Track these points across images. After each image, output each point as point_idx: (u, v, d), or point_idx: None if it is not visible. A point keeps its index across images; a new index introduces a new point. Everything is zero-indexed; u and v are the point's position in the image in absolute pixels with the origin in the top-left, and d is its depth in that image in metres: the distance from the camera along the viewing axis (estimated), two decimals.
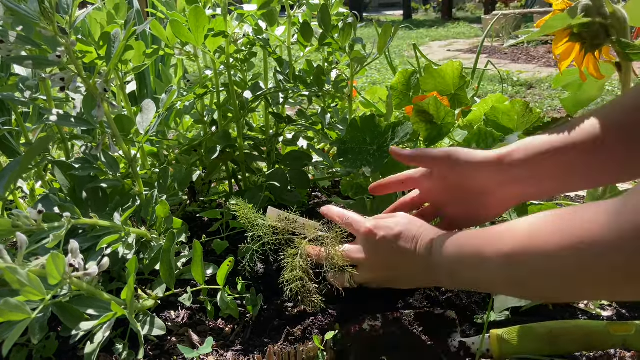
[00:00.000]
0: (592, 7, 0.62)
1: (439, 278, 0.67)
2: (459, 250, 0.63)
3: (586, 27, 0.63)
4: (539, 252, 0.51)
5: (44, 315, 0.72)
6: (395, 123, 1.05)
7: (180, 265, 0.95)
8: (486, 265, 0.57)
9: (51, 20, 0.80)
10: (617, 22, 0.61)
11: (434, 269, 0.66)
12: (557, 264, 0.49)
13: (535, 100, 3.01)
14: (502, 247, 0.55)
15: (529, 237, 0.52)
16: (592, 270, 0.46)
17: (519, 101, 0.96)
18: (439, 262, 0.65)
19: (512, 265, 0.54)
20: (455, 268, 0.63)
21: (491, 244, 0.57)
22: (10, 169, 0.89)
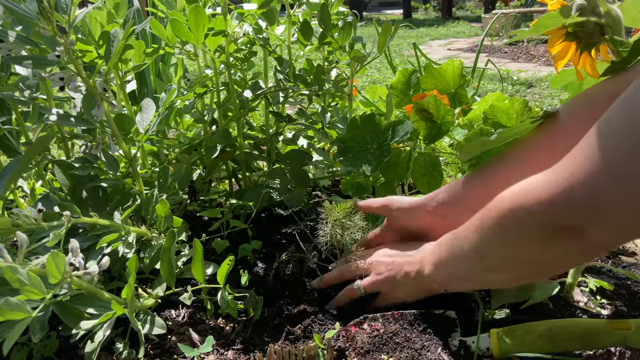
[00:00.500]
0: (586, 6, 0.62)
1: (429, 285, 0.78)
2: (437, 257, 0.75)
3: (581, 26, 0.63)
4: (488, 225, 0.61)
5: (45, 314, 0.72)
6: (395, 122, 1.05)
7: (180, 264, 0.95)
8: (457, 256, 0.70)
9: (50, 19, 0.80)
10: (612, 21, 0.61)
11: (424, 279, 0.78)
12: (506, 232, 0.58)
13: (535, 99, 3.01)
14: (470, 227, 0.66)
15: (481, 217, 0.64)
16: (526, 230, 0.54)
17: (518, 99, 0.96)
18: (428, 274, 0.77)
19: (480, 237, 0.64)
20: (436, 271, 0.75)
21: (458, 237, 0.70)
22: (10, 168, 0.90)
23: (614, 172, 0.45)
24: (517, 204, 0.55)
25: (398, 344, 0.75)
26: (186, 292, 0.86)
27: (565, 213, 0.49)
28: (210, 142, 1.17)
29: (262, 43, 1.15)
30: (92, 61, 0.97)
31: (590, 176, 0.46)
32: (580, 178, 0.47)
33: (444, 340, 0.76)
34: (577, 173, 0.48)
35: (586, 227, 0.49)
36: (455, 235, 0.70)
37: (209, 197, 1.30)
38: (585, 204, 0.47)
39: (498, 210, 0.59)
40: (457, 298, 0.87)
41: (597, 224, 0.48)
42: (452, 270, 0.72)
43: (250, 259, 1.03)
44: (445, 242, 0.74)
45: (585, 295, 0.92)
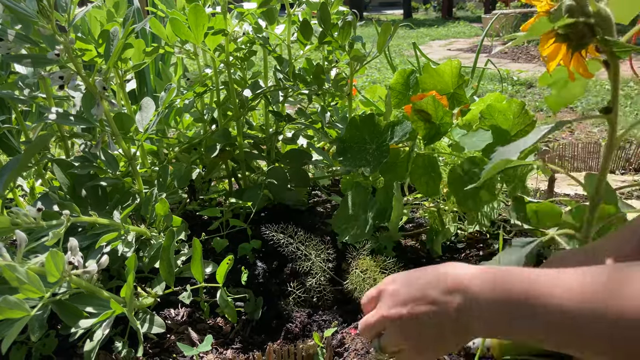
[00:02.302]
0: (575, 7, 0.62)
1: (473, 327, 0.50)
2: (504, 295, 0.48)
3: (571, 27, 0.63)
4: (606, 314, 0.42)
5: (43, 312, 0.72)
6: (394, 122, 1.05)
7: (179, 263, 0.95)
8: (540, 317, 0.46)
9: (49, 18, 0.80)
10: (601, 21, 0.61)
11: (465, 318, 0.50)
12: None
13: (535, 99, 3.01)
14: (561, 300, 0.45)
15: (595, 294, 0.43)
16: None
17: (515, 101, 0.96)
18: (473, 310, 0.49)
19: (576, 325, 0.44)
20: (499, 317, 0.48)
21: (544, 295, 0.46)
22: (9, 166, 0.89)
23: None
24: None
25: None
26: (185, 291, 0.86)
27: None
28: (210, 142, 1.17)
29: (261, 42, 1.15)
30: (92, 60, 0.97)
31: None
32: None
33: None
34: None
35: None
36: (566, 289, 0.46)
37: (209, 196, 1.30)
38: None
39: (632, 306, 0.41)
40: None
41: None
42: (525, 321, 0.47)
43: (249, 258, 1.03)
44: (541, 286, 0.48)
45: None
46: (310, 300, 0.92)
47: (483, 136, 0.94)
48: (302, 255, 1.02)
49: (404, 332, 0.53)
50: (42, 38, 0.88)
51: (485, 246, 1.10)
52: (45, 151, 1.13)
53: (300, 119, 1.23)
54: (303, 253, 0.99)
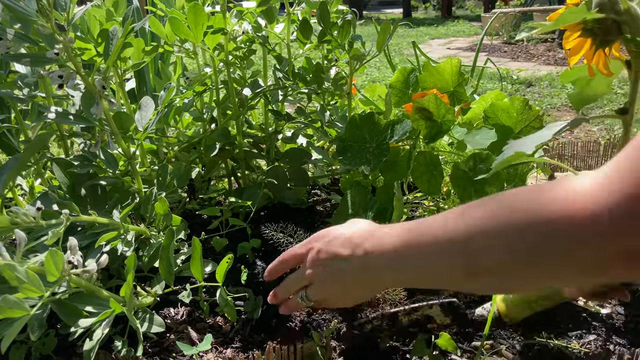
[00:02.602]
0: (606, 3, 0.61)
1: (371, 274, 0.58)
2: (397, 243, 0.54)
3: (599, 22, 0.63)
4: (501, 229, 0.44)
5: (43, 312, 0.72)
6: (394, 121, 1.05)
7: (179, 263, 0.95)
8: (430, 254, 0.50)
9: (49, 17, 0.80)
10: (630, 20, 0.61)
11: (369, 265, 0.58)
12: (520, 242, 0.43)
13: (535, 98, 3.01)
14: (454, 231, 0.48)
15: (495, 215, 0.46)
16: (564, 250, 0.41)
17: (518, 98, 0.96)
18: (376, 258, 0.57)
19: (473, 251, 0.46)
20: (393, 262, 0.55)
21: (436, 229, 0.50)
22: (9, 166, 0.89)
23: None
24: (560, 213, 0.40)
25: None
26: (185, 290, 0.86)
27: (628, 233, 0.37)
28: (210, 141, 1.17)
29: (261, 41, 1.15)
30: (91, 59, 0.96)
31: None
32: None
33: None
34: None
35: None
36: (428, 229, 0.52)
37: (208, 195, 1.30)
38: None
39: (519, 217, 0.43)
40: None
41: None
42: (411, 269, 0.53)
43: (249, 257, 1.03)
44: (407, 232, 0.54)
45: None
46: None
47: (487, 134, 0.94)
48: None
49: (325, 286, 0.63)
50: (41, 37, 0.88)
51: None
52: (44, 150, 1.13)
53: (299, 118, 1.23)
54: None
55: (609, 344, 0.80)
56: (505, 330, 0.83)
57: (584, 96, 0.82)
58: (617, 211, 0.37)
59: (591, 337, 0.81)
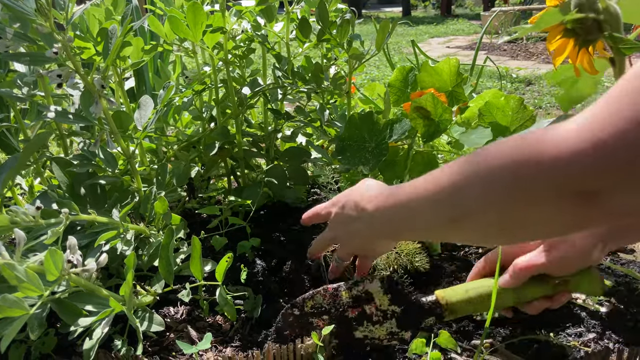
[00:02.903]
0: (585, 3, 0.62)
1: (380, 229, 0.68)
2: (394, 200, 0.64)
3: (579, 22, 0.63)
4: (476, 176, 0.49)
5: (42, 311, 0.72)
6: (393, 120, 1.05)
7: (179, 262, 0.95)
8: (420, 205, 0.57)
9: (47, 16, 0.80)
10: (610, 18, 0.61)
11: (375, 222, 0.68)
12: (497, 184, 0.47)
13: (535, 96, 3.01)
14: (438, 180, 0.55)
15: (470, 161, 0.51)
16: (529, 191, 0.45)
17: (513, 97, 0.96)
18: (379, 215, 0.67)
19: (452, 197, 0.52)
20: (391, 217, 0.64)
21: (425, 182, 0.57)
22: (8, 165, 0.89)
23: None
24: (526, 158, 0.44)
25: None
26: (184, 289, 0.86)
27: (588, 173, 0.41)
28: (209, 140, 1.17)
29: (260, 40, 1.15)
30: (90, 58, 0.96)
31: (630, 129, 0.38)
32: (615, 132, 0.39)
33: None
34: (612, 126, 0.39)
35: (606, 191, 0.41)
36: (426, 180, 0.58)
37: (208, 194, 1.30)
38: (620, 163, 0.39)
39: (494, 162, 0.48)
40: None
41: (623, 188, 0.40)
42: (409, 221, 0.61)
43: (249, 256, 1.03)
44: (404, 189, 0.62)
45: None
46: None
47: (482, 133, 0.94)
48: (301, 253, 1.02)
49: (348, 244, 0.78)
50: (40, 36, 0.88)
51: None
52: (43, 149, 1.13)
53: (299, 117, 1.23)
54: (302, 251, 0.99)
55: (608, 342, 0.80)
56: (505, 329, 0.83)
57: (571, 97, 0.83)
58: (584, 153, 0.41)
59: (590, 335, 0.82)
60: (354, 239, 0.75)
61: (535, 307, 0.73)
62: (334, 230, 0.78)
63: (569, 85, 0.81)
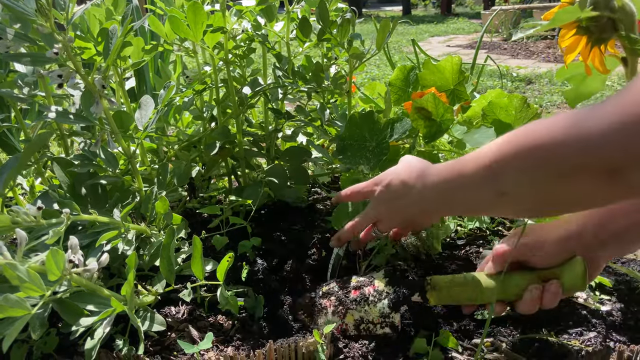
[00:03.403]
0: (600, 1, 0.62)
1: (433, 205, 0.72)
2: (445, 175, 0.68)
3: (594, 20, 0.63)
4: (523, 152, 0.54)
5: (44, 311, 0.72)
6: (394, 119, 1.05)
7: (180, 261, 0.95)
8: (469, 180, 0.62)
9: (48, 16, 0.80)
10: (625, 17, 0.61)
11: (426, 197, 0.72)
12: (534, 160, 0.53)
13: (535, 95, 3.01)
14: (483, 159, 0.60)
15: (510, 141, 0.57)
16: (585, 162, 0.48)
17: (517, 96, 0.96)
18: (429, 191, 0.71)
19: (496, 173, 0.58)
20: (444, 193, 0.69)
21: (472, 160, 0.63)
22: (9, 165, 0.89)
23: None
24: (565, 137, 0.49)
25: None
26: (186, 289, 0.87)
27: (616, 153, 0.45)
28: (210, 139, 1.17)
29: (260, 40, 1.15)
30: (91, 58, 0.96)
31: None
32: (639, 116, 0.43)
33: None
34: (637, 111, 0.43)
35: (629, 169, 0.45)
36: (465, 162, 0.64)
37: (209, 194, 1.30)
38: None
39: (530, 143, 0.53)
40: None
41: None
42: (459, 195, 0.66)
43: (250, 255, 1.03)
44: (449, 167, 0.68)
45: (585, 291, 0.92)
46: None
47: (486, 133, 0.94)
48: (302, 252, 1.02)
49: (392, 220, 0.81)
50: (40, 36, 0.88)
51: (485, 243, 1.10)
52: (44, 149, 1.13)
53: (299, 117, 1.23)
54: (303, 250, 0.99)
55: (609, 341, 0.80)
56: (506, 328, 0.83)
57: (579, 93, 0.83)
58: (612, 134, 0.45)
59: (591, 334, 0.82)
60: (400, 214, 0.78)
61: (527, 305, 0.72)
62: (377, 207, 0.81)
63: (578, 82, 0.81)
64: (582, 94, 0.83)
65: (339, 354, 0.78)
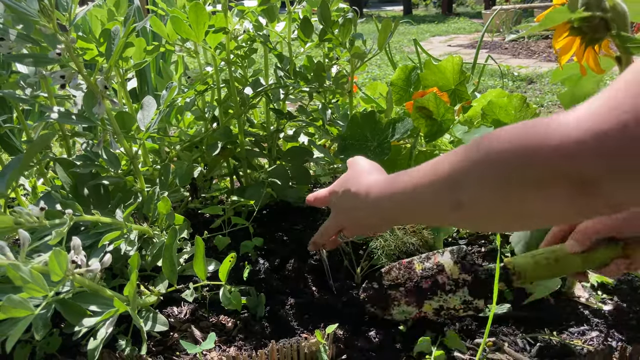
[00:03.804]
0: (592, 1, 0.62)
1: (392, 214, 0.67)
2: (395, 188, 0.64)
3: (586, 21, 0.63)
4: (477, 163, 0.50)
5: (47, 311, 0.72)
6: (395, 119, 1.05)
7: (182, 262, 0.95)
8: (426, 190, 0.58)
9: (50, 17, 0.80)
10: (617, 16, 0.61)
11: (383, 207, 0.68)
12: (497, 170, 0.48)
13: (536, 95, 3.00)
14: (442, 166, 0.55)
15: (471, 149, 0.51)
16: (536, 180, 0.44)
17: (516, 95, 0.96)
18: (386, 201, 0.67)
19: (455, 182, 0.53)
20: (401, 204, 0.64)
21: (429, 168, 0.58)
22: (11, 166, 0.90)
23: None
24: (529, 145, 0.45)
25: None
26: (188, 289, 0.87)
27: (588, 163, 0.41)
28: (211, 140, 1.17)
29: (262, 40, 1.15)
30: (93, 59, 0.97)
31: (629, 120, 0.39)
32: (615, 123, 0.39)
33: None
34: (613, 118, 0.39)
35: (605, 181, 0.41)
36: (426, 167, 0.59)
37: (211, 194, 1.30)
38: (620, 154, 0.40)
39: (497, 146, 0.48)
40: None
41: (622, 179, 0.41)
42: (411, 207, 0.62)
43: (252, 255, 1.03)
44: (406, 176, 0.63)
45: (587, 290, 0.92)
46: (313, 296, 0.92)
47: (485, 132, 0.94)
48: (303, 252, 1.02)
49: (354, 228, 0.77)
50: (43, 37, 0.88)
51: (486, 242, 1.10)
52: (47, 150, 1.13)
53: (301, 117, 1.23)
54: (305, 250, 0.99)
55: (611, 340, 0.80)
56: (508, 327, 0.83)
57: (574, 96, 0.83)
58: (585, 144, 0.41)
59: (593, 334, 0.82)
60: (361, 224, 0.75)
61: (612, 272, 0.69)
62: (337, 217, 0.79)
63: (573, 83, 0.81)
64: (577, 96, 0.83)
65: (341, 354, 0.78)
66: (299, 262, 0.99)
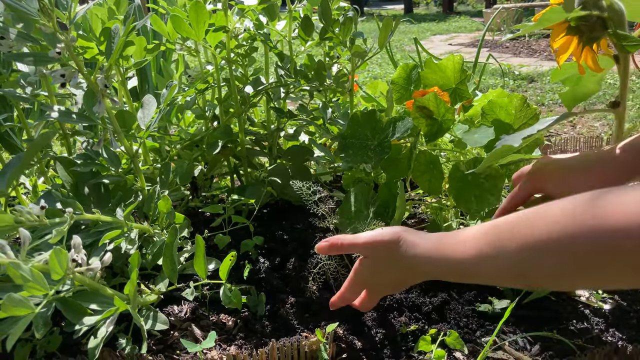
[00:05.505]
0: (589, 0, 0.62)
1: (428, 277, 0.65)
2: (447, 255, 0.59)
3: (584, 20, 0.63)
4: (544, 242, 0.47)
5: (48, 310, 0.72)
6: (396, 118, 1.05)
7: (182, 260, 0.95)
8: (484, 268, 0.54)
9: (50, 16, 0.80)
10: (614, 15, 0.61)
11: (417, 268, 0.64)
12: (563, 254, 0.45)
13: (537, 94, 3.00)
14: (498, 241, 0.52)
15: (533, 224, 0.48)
16: (609, 255, 0.42)
17: (517, 95, 0.96)
18: (421, 263, 0.62)
19: (515, 264, 0.50)
20: (448, 270, 0.60)
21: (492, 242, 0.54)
22: (12, 164, 0.90)
23: None
24: (595, 228, 0.42)
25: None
26: (188, 287, 0.87)
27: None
28: (212, 138, 1.17)
29: (263, 39, 1.15)
30: (93, 58, 0.97)
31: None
32: None
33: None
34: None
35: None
36: (480, 241, 0.55)
37: (211, 193, 1.30)
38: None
39: (562, 229, 0.45)
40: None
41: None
42: (468, 272, 0.57)
43: (252, 254, 1.03)
44: (460, 245, 0.58)
45: (587, 289, 0.92)
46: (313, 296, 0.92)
47: (485, 132, 0.94)
48: (304, 251, 1.02)
49: (382, 288, 0.72)
50: (43, 36, 0.88)
51: None
52: (47, 149, 1.13)
53: (301, 116, 1.23)
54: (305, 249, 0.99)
55: (611, 339, 0.80)
56: (509, 326, 0.83)
57: (575, 94, 0.82)
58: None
59: (594, 333, 0.82)
60: (389, 286, 0.71)
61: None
62: (364, 277, 0.71)
63: (573, 83, 0.81)
64: (578, 96, 0.83)
65: (341, 353, 0.78)
66: (299, 261, 0.99)
